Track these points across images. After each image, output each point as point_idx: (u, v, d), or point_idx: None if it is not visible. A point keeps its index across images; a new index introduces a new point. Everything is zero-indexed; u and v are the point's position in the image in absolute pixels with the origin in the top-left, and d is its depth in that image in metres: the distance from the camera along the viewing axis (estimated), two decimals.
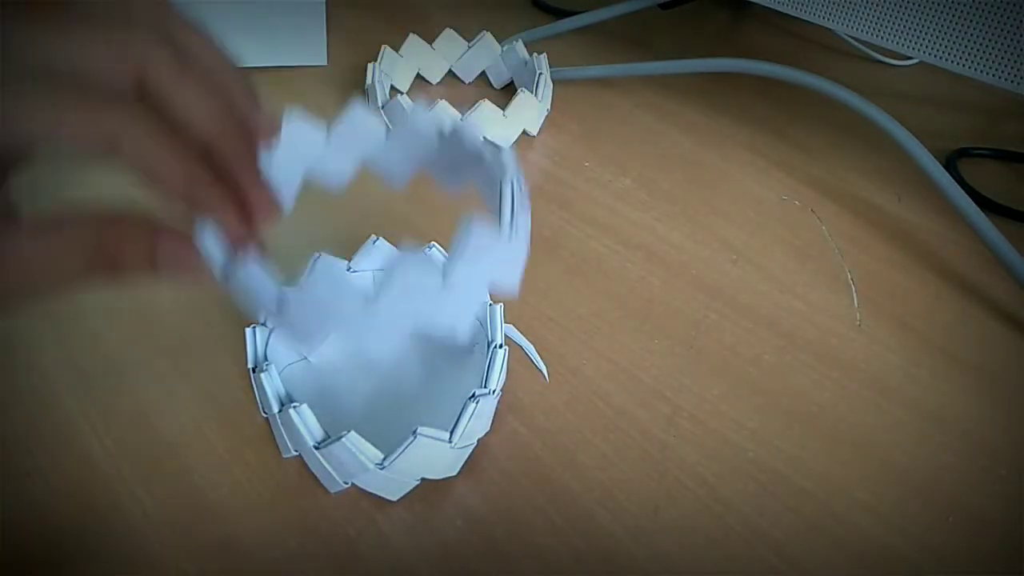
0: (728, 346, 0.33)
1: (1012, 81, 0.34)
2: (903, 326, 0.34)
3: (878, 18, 0.37)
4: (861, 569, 0.25)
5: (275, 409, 0.26)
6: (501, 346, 0.28)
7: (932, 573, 0.25)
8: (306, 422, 0.25)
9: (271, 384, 0.27)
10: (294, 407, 0.25)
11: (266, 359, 0.28)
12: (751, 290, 0.36)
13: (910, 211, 0.42)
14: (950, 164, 0.45)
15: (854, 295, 0.36)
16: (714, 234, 0.39)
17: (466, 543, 0.25)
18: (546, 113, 0.47)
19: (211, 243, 0.21)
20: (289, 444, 0.27)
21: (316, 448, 0.25)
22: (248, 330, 0.28)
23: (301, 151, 0.27)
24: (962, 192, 0.37)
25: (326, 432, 0.26)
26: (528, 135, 0.46)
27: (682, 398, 0.31)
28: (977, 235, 0.36)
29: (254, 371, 0.27)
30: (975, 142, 0.47)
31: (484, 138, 0.26)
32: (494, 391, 0.27)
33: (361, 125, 0.27)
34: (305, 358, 0.30)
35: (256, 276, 0.22)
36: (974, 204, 0.37)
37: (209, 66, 0.22)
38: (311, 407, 0.25)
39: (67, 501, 0.26)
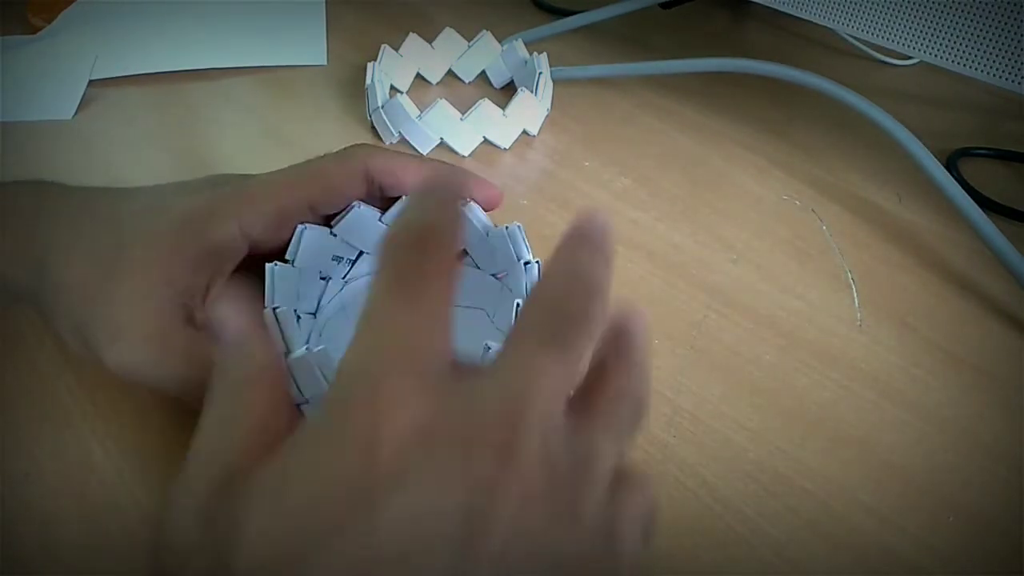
0: (728, 346, 0.33)
1: (1012, 81, 0.34)
2: (903, 326, 0.34)
3: (879, 17, 0.37)
4: (861, 569, 0.25)
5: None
6: (529, 263, 0.28)
7: (932, 573, 0.25)
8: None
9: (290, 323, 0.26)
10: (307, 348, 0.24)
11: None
12: (751, 290, 0.36)
13: (910, 211, 0.42)
14: (950, 164, 0.45)
15: (854, 295, 0.36)
16: (714, 234, 0.39)
17: None
18: (546, 113, 0.47)
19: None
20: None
21: None
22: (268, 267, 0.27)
23: (319, 256, 0.30)
24: (962, 192, 0.37)
25: None
26: (528, 135, 0.46)
27: (682, 398, 0.31)
28: (977, 235, 0.36)
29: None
30: (975, 142, 0.47)
31: (526, 254, 0.29)
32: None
33: (363, 222, 0.29)
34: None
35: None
36: (975, 204, 0.36)
37: None
38: None
39: (67, 502, 0.26)
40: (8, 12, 0.57)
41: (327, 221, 0.29)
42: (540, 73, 0.46)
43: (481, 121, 0.43)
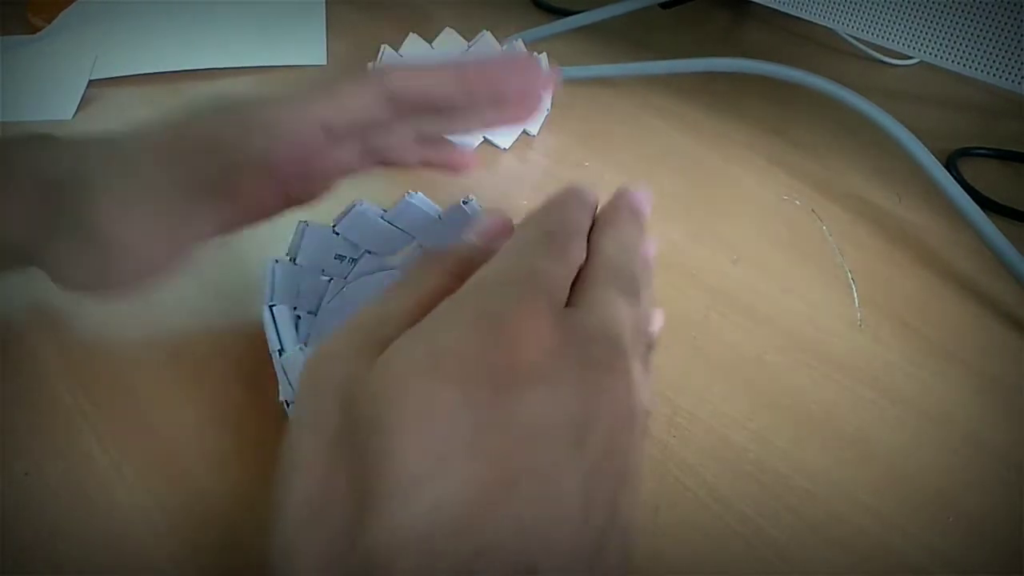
0: (729, 346, 0.33)
1: (1012, 81, 0.34)
2: (903, 326, 0.34)
3: (879, 17, 0.37)
4: (861, 569, 0.25)
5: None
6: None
7: (933, 573, 0.25)
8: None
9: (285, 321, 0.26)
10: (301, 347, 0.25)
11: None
12: (751, 290, 0.36)
13: (910, 211, 0.42)
14: (950, 164, 0.45)
15: (854, 295, 0.36)
16: (714, 234, 0.39)
17: None
18: (546, 113, 0.47)
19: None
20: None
21: None
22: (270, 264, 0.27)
23: (321, 254, 0.30)
24: (962, 192, 0.37)
25: None
26: (528, 135, 0.46)
27: (682, 398, 0.31)
28: (977, 235, 0.36)
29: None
30: (975, 142, 0.47)
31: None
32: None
33: (365, 220, 0.29)
34: None
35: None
36: (974, 204, 0.37)
37: None
38: None
39: (67, 501, 0.26)
40: (8, 12, 0.57)
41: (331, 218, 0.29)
42: None
43: None
